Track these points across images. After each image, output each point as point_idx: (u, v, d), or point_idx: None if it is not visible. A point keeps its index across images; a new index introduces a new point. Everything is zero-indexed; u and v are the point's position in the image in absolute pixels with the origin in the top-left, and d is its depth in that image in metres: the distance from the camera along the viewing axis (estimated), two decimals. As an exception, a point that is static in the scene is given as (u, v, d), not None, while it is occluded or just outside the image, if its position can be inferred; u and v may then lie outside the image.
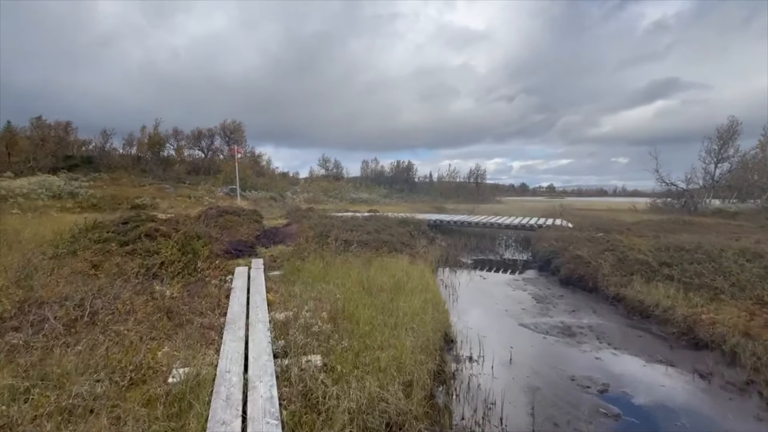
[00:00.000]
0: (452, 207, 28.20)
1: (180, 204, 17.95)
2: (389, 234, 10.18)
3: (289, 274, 6.39)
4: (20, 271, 4.99)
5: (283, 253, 7.91)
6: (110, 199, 16.69)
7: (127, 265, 5.81)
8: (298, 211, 17.15)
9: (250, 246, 8.50)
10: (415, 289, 6.07)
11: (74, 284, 4.81)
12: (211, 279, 5.68)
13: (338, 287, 5.89)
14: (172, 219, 8.44)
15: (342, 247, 8.28)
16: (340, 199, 30.36)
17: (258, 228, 10.90)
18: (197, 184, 27.34)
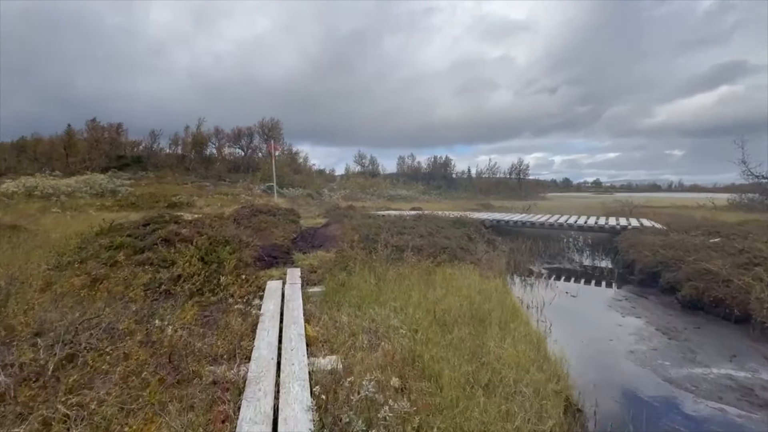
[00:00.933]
0: (498, 204, 26.00)
1: (216, 202, 17.38)
2: (445, 237, 8.61)
3: (332, 292, 5.03)
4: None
5: (324, 262, 6.59)
6: (149, 197, 16.37)
7: (138, 279, 4.70)
8: (337, 209, 15.95)
9: (286, 251, 7.27)
10: (501, 319, 4.50)
11: (61, 309, 3.70)
12: (236, 300, 4.42)
13: (397, 312, 4.45)
14: (199, 220, 7.37)
15: (393, 254, 6.83)
16: (377, 197, 29.10)
17: (295, 229, 9.72)
18: (236, 182, 27.11)
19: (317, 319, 4.12)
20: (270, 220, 9.34)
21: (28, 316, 3.47)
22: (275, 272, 5.91)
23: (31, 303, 3.73)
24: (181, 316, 3.82)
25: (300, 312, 4.10)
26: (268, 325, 3.79)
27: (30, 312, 3.53)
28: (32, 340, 3.11)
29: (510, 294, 5.81)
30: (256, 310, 4.16)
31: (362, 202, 23.55)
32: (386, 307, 4.51)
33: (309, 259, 6.92)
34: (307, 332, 3.68)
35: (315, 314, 4.25)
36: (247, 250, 6.30)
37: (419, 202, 25.12)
